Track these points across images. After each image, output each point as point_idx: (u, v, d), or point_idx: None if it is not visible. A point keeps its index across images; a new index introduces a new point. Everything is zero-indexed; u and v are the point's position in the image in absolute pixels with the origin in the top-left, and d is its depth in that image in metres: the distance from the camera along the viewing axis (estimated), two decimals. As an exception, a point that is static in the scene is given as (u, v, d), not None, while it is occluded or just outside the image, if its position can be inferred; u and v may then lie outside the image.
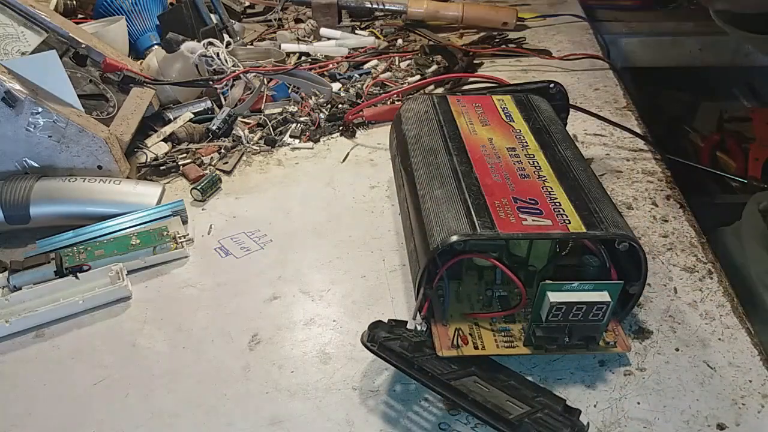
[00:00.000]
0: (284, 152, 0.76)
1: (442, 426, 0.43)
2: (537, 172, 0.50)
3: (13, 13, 0.72)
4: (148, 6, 0.96)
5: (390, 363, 0.41)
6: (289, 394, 0.46)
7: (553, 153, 0.52)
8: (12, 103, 0.61)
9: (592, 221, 0.44)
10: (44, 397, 0.47)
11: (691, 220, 0.61)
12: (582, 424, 0.40)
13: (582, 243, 0.46)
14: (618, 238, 0.43)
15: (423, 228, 0.46)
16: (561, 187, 0.48)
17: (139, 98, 0.76)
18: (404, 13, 1.08)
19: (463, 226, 0.43)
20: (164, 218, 0.63)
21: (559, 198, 0.46)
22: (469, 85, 0.88)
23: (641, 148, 0.73)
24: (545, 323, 0.43)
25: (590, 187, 0.48)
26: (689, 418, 0.43)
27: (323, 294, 0.55)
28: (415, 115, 0.58)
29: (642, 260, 0.44)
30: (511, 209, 0.45)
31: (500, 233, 0.43)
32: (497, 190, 0.47)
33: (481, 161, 0.51)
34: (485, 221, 0.43)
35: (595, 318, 0.43)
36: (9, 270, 0.55)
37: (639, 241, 0.43)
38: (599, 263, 0.45)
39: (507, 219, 0.44)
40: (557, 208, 0.45)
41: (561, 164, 0.51)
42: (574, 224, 0.43)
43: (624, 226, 0.44)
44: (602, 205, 0.46)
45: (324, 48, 0.99)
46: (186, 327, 0.52)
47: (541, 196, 0.46)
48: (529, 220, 0.44)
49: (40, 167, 0.66)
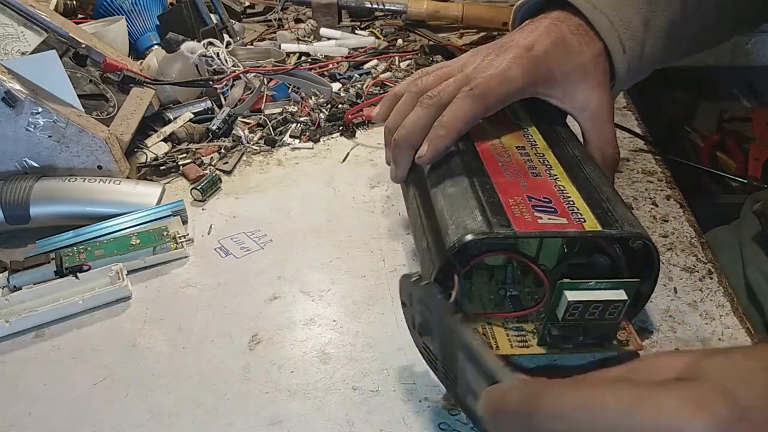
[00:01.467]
0: (284, 152, 0.77)
1: (442, 426, 0.43)
2: (548, 171, 0.49)
3: (13, 13, 0.72)
4: (148, 6, 0.96)
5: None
6: (289, 394, 0.46)
7: (563, 151, 0.52)
8: (12, 103, 0.61)
9: (607, 219, 0.43)
10: (44, 397, 0.47)
11: (691, 220, 0.61)
12: None
13: (594, 241, 0.46)
14: (633, 236, 0.43)
15: (437, 226, 0.45)
16: (573, 186, 0.47)
17: (139, 98, 0.76)
18: (404, 13, 1.08)
19: (479, 224, 0.42)
20: (164, 218, 0.63)
21: (572, 196, 0.46)
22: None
23: (641, 148, 0.73)
24: (561, 322, 0.43)
25: (601, 185, 0.48)
26: (689, 418, 0.43)
27: (323, 294, 0.55)
28: None
29: (655, 259, 0.44)
30: (526, 207, 0.44)
31: (517, 232, 0.42)
32: (510, 189, 0.46)
33: (491, 160, 0.50)
34: (501, 219, 0.43)
35: (611, 317, 0.42)
36: (9, 270, 0.55)
37: (653, 241, 0.43)
38: (609, 262, 0.45)
39: (522, 217, 0.43)
40: (571, 206, 0.45)
41: (571, 162, 0.50)
42: (590, 223, 0.43)
43: (638, 225, 0.44)
44: (615, 203, 0.45)
45: (324, 48, 0.99)
46: (186, 327, 0.52)
47: (554, 195, 0.46)
48: (545, 219, 0.43)
49: (40, 167, 0.66)
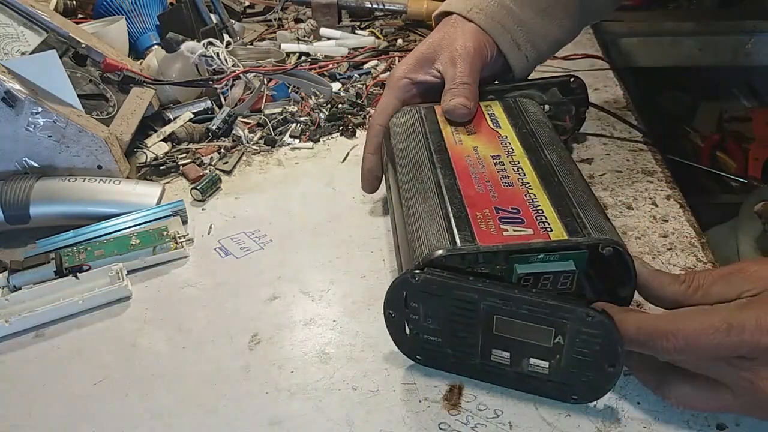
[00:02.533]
0: (284, 152, 0.77)
1: (442, 426, 0.43)
2: (521, 179, 0.49)
3: (13, 13, 0.72)
4: (148, 6, 0.96)
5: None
6: (289, 394, 0.46)
7: (539, 158, 0.52)
8: (12, 103, 0.61)
9: (574, 227, 0.44)
10: (44, 397, 0.47)
11: (691, 220, 0.61)
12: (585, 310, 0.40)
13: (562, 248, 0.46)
14: (601, 243, 0.43)
15: (407, 245, 0.46)
16: (545, 193, 0.47)
17: (139, 98, 0.76)
18: (404, 13, 1.08)
19: (443, 241, 0.43)
20: (164, 218, 0.63)
21: (542, 205, 0.46)
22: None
23: (641, 148, 0.73)
24: None
25: (575, 190, 0.48)
26: (689, 418, 0.43)
27: (323, 294, 0.55)
28: (403, 129, 0.58)
29: (629, 264, 0.44)
30: (493, 220, 0.45)
31: (480, 246, 0.43)
32: (479, 201, 0.47)
33: (465, 172, 0.51)
34: (465, 235, 0.43)
35: (563, 287, 0.43)
36: (9, 270, 0.56)
37: (625, 245, 0.43)
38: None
39: (488, 231, 0.44)
40: (539, 215, 0.45)
41: (546, 169, 0.50)
42: (556, 231, 0.43)
43: (609, 231, 0.44)
44: (586, 209, 0.45)
45: (324, 48, 0.99)
46: (186, 327, 0.52)
47: (523, 204, 0.46)
48: (510, 231, 0.44)
49: (40, 167, 0.66)
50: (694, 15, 1.34)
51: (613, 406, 0.44)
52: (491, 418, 0.43)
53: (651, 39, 1.30)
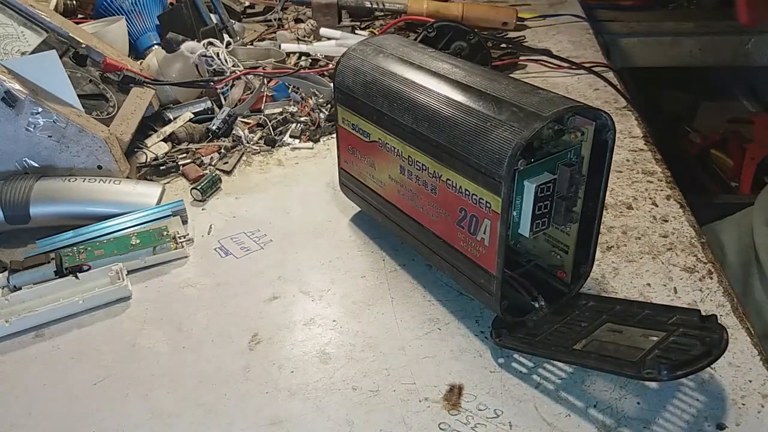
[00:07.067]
0: (284, 152, 0.77)
1: (442, 426, 0.43)
2: (436, 176, 0.47)
3: (13, 13, 0.72)
4: (148, 6, 0.96)
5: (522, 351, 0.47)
6: (289, 394, 0.46)
7: (425, 143, 0.48)
8: (12, 103, 0.61)
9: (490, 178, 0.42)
10: (44, 397, 0.47)
11: (691, 220, 0.61)
12: (717, 328, 0.41)
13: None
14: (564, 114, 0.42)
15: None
16: (450, 169, 0.45)
17: (139, 98, 0.76)
18: (404, 13, 1.08)
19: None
20: (164, 218, 0.63)
21: (458, 182, 0.45)
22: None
23: (641, 148, 0.73)
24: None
25: (457, 140, 0.44)
26: (689, 418, 0.43)
27: (323, 294, 0.55)
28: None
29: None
30: (464, 235, 0.46)
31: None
32: (442, 226, 0.49)
33: (408, 207, 0.52)
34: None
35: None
36: (9, 270, 0.55)
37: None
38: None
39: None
40: (468, 195, 0.44)
41: (434, 147, 0.47)
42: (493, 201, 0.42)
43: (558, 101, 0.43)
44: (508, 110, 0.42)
45: (324, 48, 0.99)
46: (186, 327, 0.52)
47: (461, 201, 0.46)
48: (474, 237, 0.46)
49: (40, 167, 0.66)
50: (694, 15, 1.34)
51: (613, 406, 0.44)
52: (491, 418, 0.43)
53: (651, 39, 1.30)
